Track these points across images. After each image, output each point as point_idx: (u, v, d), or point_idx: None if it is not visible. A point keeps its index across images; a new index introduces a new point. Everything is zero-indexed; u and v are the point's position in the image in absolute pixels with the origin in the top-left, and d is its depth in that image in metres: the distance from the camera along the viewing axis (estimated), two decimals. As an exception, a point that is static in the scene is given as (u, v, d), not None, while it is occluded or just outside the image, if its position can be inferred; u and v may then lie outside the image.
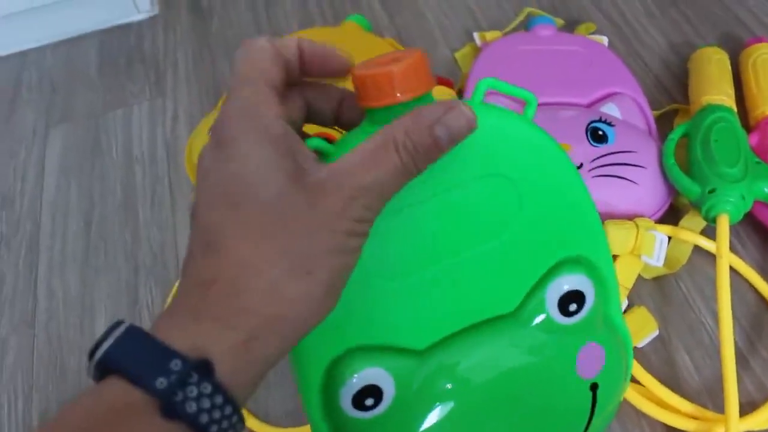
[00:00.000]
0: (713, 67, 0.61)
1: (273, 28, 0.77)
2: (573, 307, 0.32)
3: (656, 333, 0.51)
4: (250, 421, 0.48)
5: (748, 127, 0.59)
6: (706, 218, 0.52)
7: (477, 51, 0.66)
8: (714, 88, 0.59)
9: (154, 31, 0.80)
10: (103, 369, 0.22)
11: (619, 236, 0.51)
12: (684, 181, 0.53)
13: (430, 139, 0.25)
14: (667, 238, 0.52)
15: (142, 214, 0.64)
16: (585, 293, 0.33)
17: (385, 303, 0.30)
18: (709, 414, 0.47)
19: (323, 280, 0.24)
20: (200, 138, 0.61)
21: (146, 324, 0.56)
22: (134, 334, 0.23)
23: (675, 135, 0.56)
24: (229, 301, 0.23)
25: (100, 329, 0.56)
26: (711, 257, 0.52)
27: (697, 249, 0.54)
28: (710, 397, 0.48)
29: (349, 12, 0.76)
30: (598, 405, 0.34)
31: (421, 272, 0.30)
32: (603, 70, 0.61)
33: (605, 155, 0.54)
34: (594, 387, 0.34)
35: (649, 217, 0.53)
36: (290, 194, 0.23)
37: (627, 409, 0.47)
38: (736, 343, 0.51)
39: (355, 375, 0.30)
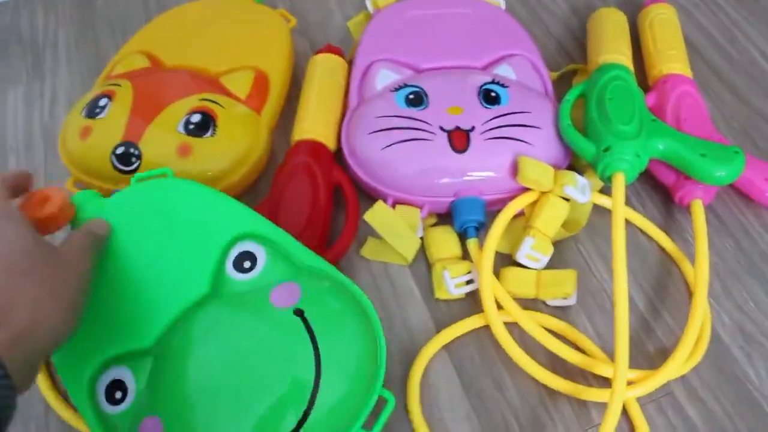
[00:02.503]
0: (610, 27, 0.60)
1: (161, 4, 0.72)
2: (247, 264, 0.43)
3: (572, 300, 0.49)
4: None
5: (647, 88, 0.58)
6: (602, 178, 0.50)
7: (370, 18, 0.63)
8: (610, 47, 0.57)
9: (32, 10, 0.74)
10: None
11: (537, 168, 0.49)
12: (579, 141, 0.51)
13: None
14: (589, 183, 0.50)
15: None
16: (255, 253, 0.43)
17: (112, 320, 0.41)
18: (600, 356, 0.46)
19: (68, 302, 0.36)
20: (75, 117, 0.56)
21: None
22: None
23: (571, 96, 0.54)
24: (2, 314, 0.33)
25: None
26: (611, 218, 0.50)
27: (597, 212, 0.53)
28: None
29: (241, -16, 0.72)
30: (317, 324, 0.40)
31: (127, 288, 0.42)
32: (498, 32, 0.59)
33: (498, 117, 0.51)
34: (299, 312, 0.40)
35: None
36: (42, 248, 0.37)
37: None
38: (638, 308, 0.49)
39: (102, 375, 0.40)
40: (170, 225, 0.44)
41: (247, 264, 0.43)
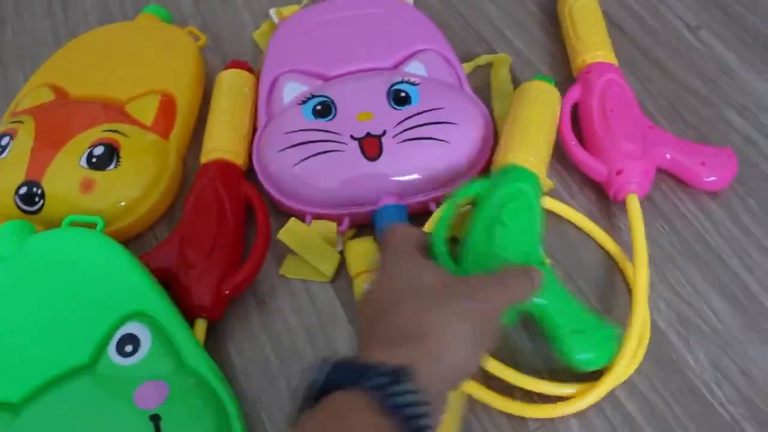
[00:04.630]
0: (536, 112, 0.50)
1: (71, 30, 0.69)
2: (129, 348, 0.41)
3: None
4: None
5: (572, 79, 0.56)
6: None
7: (275, 28, 0.60)
8: (524, 145, 0.48)
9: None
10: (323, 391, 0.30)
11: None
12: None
13: None
14: None
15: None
16: (140, 338, 0.42)
17: None
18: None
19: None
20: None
21: None
22: (345, 360, 0.31)
23: (449, 207, 0.46)
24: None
25: None
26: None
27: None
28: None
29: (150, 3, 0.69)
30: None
31: (13, 334, 0.42)
32: (406, 28, 0.56)
33: (410, 117, 0.49)
34: (155, 418, 0.39)
35: (471, 174, 0.50)
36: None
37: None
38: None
39: None
40: (74, 283, 0.44)
41: (128, 348, 0.42)
